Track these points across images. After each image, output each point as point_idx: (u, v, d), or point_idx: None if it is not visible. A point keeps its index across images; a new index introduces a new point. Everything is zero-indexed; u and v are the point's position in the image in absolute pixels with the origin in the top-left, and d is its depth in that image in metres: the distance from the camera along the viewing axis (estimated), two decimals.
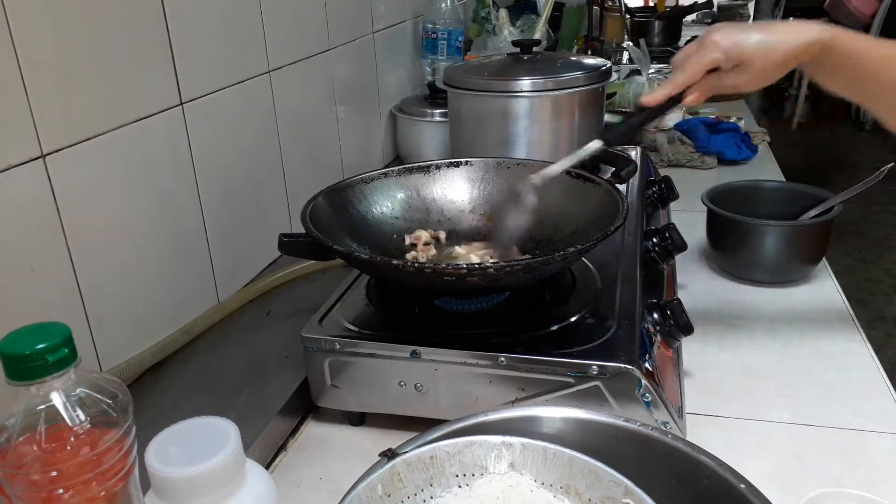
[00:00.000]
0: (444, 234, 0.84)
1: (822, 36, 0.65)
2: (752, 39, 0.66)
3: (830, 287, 0.95)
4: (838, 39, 0.65)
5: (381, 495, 0.44)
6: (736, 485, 0.44)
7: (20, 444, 0.36)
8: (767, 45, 0.65)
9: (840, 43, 0.65)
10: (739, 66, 0.67)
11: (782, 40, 0.66)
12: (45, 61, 0.61)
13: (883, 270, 2.84)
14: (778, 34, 0.66)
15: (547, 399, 0.64)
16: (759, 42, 0.66)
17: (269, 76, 0.95)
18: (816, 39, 0.65)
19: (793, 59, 0.66)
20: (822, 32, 0.65)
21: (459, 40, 1.50)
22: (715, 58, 0.67)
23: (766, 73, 0.66)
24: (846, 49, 0.65)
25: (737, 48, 0.66)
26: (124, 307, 0.72)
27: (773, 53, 0.65)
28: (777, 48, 0.65)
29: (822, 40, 0.65)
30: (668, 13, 2.90)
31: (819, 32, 0.65)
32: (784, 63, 0.66)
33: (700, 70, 0.68)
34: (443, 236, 0.84)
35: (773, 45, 0.66)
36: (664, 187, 1.06)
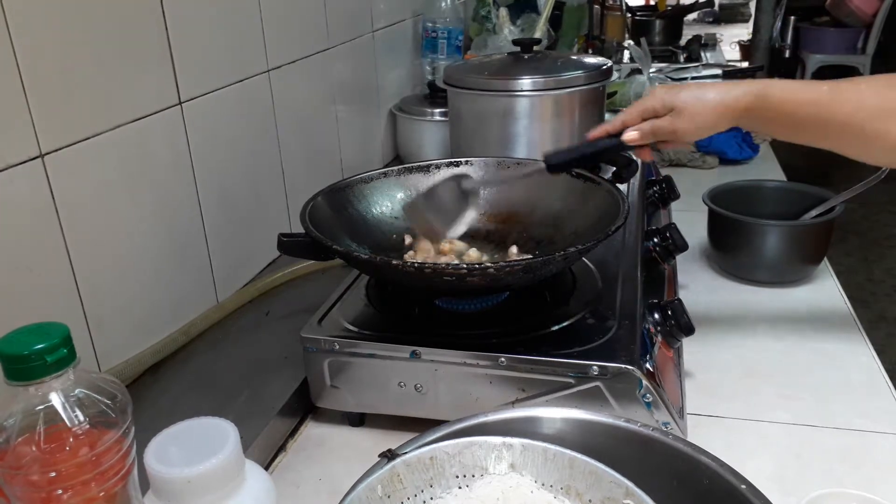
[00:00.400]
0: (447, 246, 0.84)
1: (750, 88, 0.69)
2: (686, 90, 0.71)
3: (831, 287, 0.95)
4: (770, 89, 0.68)
5: (381, 496, 0.44)
6: (737, 485, 0.44)
7: (19, 444, 0.36)
8: (699, 94, 0.70)
9: (771, 93, 0.68)
10: (674, 111, 0.71)
11: (714, 90, 0.70)
12: (44, 61, 0.61)
13: (884, 271, 2.83)
14: (712, 87, 0.71)
15: (547, 399, 0.64)
16: (691, 92, 0.71)
17: (268, 75, 0.95)
18: (747, 91, 0.69)
19: (726, 106, 0.69)
20: (751, 85, 0.69)
21: (459, 39, 1.50)
22: (650, 104, 0.72)
23: (700, 116, 0.70)
24: (777, 98, 0.68)
25: (671, 95, 0.71)
26: (123, 307, 0.72)
27: (704, 101, 0.70)
28: (709, 96, 0.70)
29: (752, 91, 0.69)
30: (669, 12, 2.90)
31: (749, 85, 0.69)
32: (717, 109, 0.70)
33: (637, 112, 0.73)
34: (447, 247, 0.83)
35: (705, 94, 0.70)
36: (665, 187, 1.06)
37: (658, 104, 0.71)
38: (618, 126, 0.74)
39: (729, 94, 0.69)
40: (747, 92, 0.68)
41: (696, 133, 0.71)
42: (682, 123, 0.70)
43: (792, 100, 0.68)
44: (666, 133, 0.72)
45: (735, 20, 3.91)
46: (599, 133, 0.75)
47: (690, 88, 0.71)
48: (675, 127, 0.71)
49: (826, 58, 3.71)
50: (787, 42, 3.90)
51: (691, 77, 1.80)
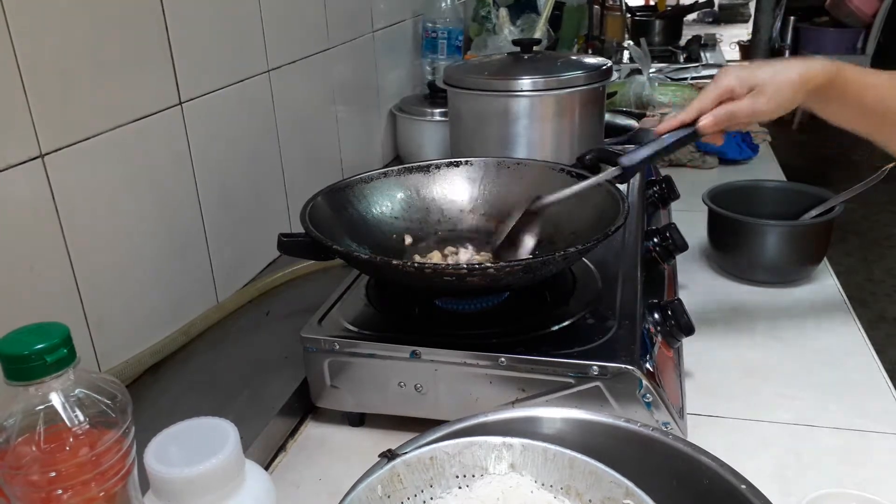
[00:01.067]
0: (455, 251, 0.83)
1: (829, 67, 0.68)
2: (763, 67, 0.69)
3: (831, 287, 0.95)
4: (844, 70, 0.68)
5: (381, 496, 0.44)
6: (737, 485, 0.44)
7: (19, 444, 0.35)
8: (779, 69, 0.68)
9: (846, 74, 0.68)
10: (754, 90, 0.68)
11: (793, 65, 0.68)
12: (44, 61, 0.61)
13: (884, 271, 2.83)
14: (788, 62, 0.69)
15: (547, 399, 0.64)
16: (770, 67, 0.68)
17: (268, 75, 0.95)
18: (823, 66, 0.68)
19: (804, 82, 0.68)
20: (829, 64, 0.68)
21: (459, 39, 1.50)
22: (727, 83, 0.69)
23: (780, 93, 0.68)
24: (850, 79, 0.68)
25: (749, 73, 0.68)
26: (123, 307, 0.72)
27: (783, 75, 0.67)
28: (788, 71, 0.68)
29: (828, 70, 0.68)
30: (669, 12, 2.91)
31: (826, 64, 0.68)
32: (798, 83, 0.67)
33: (713, 97, 0.69)
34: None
35: (785, 69, 0.68)
36: (665, 187, 1.06)
37: (736, 84, 0.68)
38: (693, 114, 0.71)
39: (808, 69, 0.67)
40: (824, 69, 0.67)
41: (776, 111, 0.69)
42: (763, 103, 0.68)
43: (864, 82, 0.67)
44: (744, 115, 0.69)
45: (735, 20, 3.91)
46: (673, 125, 0.72)
47: (766, 66, 0.69)
48: (755, 107, 0.68)
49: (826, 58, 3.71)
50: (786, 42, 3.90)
51: (691, 77, 1.80)
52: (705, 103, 0.70)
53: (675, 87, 1.62)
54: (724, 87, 0.69)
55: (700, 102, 0.70)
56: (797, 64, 0.68)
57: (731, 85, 0.68)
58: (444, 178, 0.86)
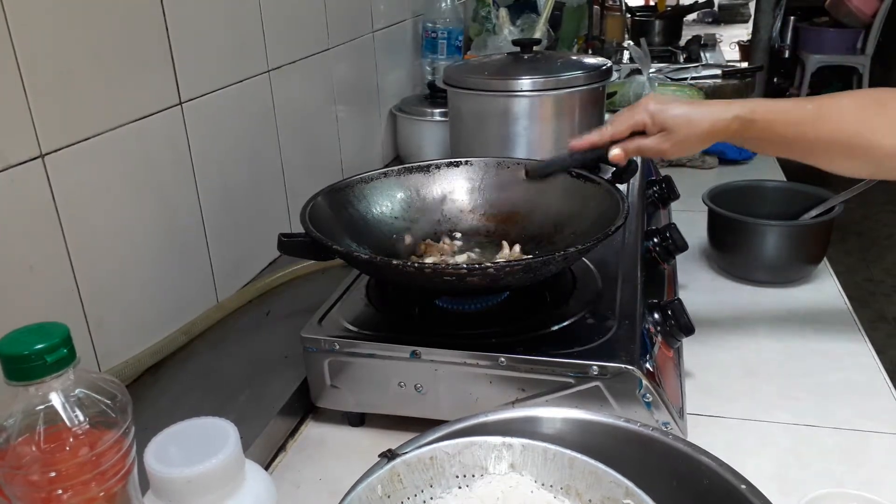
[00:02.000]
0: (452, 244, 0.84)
1: (740, 112, 0.69)
2: (677, 110, 0.71)
3: (831, 287, 0.95)
4: (757, 112, 0.69)
5: (381, 496, 0.44)
6: (736, 485, 0.44)
7: (19, 444, 0.35)
8: (690, 118, 0.70)
9: (759, 116, 0.69)
10: (663, 132, 0.71)
11: (705, 115, 0.70)
12: (44, 61, 0.61)
13: (884, 270, 2.83)
14: (702, 109, 0.71)
15: (547, 399, 0.64)
16: (683, 113, 0.71)
17: (268, 76, 0.95)
18: (735, 116, 0.69)
19: (714, 133, 0.71)
20: (741, 108, 0.70)
21: (459, 39, 1.50)
22: (641, 119, 0.72)
23: (688, 142, 0.71)
24: (764, 120, 0.69)
25: (662, 114, 0.71)
26: (123, 307, 0.72)
27: (695, 126, 0.70)
28: (700, 121, 0.70)
29: (741, 116, 0.69)
30: (669, 12, 2.91)
31: (738, 109, 0.70)
32: (706, 135, 0.71)
33: (626, 126, 0.73)
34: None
35: (696, 118, 0.70)
36: (665, 187, 1.06)
37: (649, 121, 0.72)
38: (606, 139, 0.74)
39: (719, 119, 0.70)
40: (737, 117, 0.69)
41: (681, 154, 0.73)
42: (670, 146, 0.71)
43: (780, 121, 0.69)
44: (651, 152, 0.73)
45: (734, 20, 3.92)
46: (585, 145, 0.76)
47: (681, 108, 0.71)
48: (662, 148, 0.72)
49: (825, 58, 3.71)
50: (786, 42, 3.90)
51: (691, 77, 1.80)
52: (619, 131, 0.74)
53: (675, 87, 1.62)
54: (638, 121, 0.72)
55: (614, 129, 0.74)
56: (710, 112, 0.70)
57: (644, 121, 0.72)
58: (444, 178, 0.86)
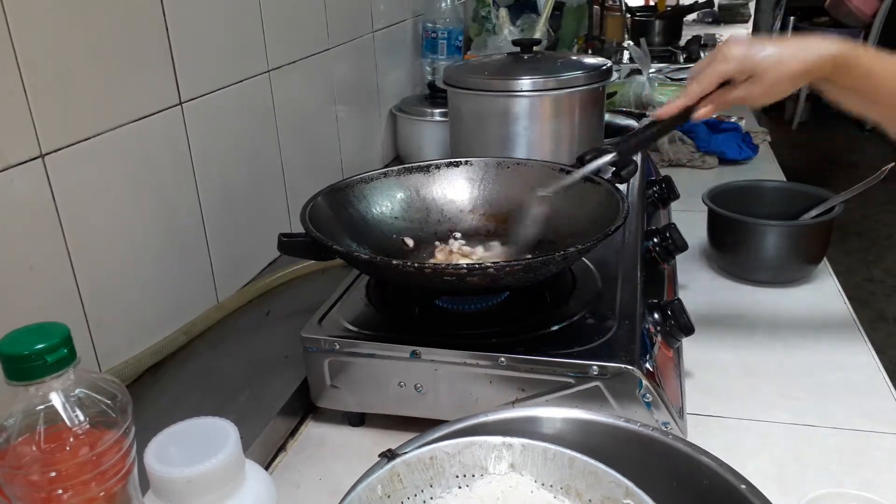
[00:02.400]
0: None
1: (838, 51, 0.65)
2: (765, 51, 0.66)
3: (831, 287, 0.95)
4: (854, 56, 0.64)
5: (381, 496, 0.44)
6: (736, 485, 0.44)
7: (19, 444, 0.35)
8: (780, 58, 0.66)
9: (856, 60, 0.64)
10: (752, 77, 0.67)
11: (796, 53, 0.66)
12: (44, 61, 0.61)
13: (884, 270, 2.83)
14: (791, 48, 0.66)
15: (547, 399, 0.64)
16: (772, 54, 0.66)
17: (268, 76, 0.95)
18: (831, 55, 0.65)
19: (806, 73, 0.66)
20: (838, 48, 0.65)
21: (459, 39, 1.50)
22: (728, 68, 0.67)
23: (778, 85, 0.66)
24: (862, 65, 0.65)
25: (750, 59, 0.66)
26: (123, 307, 0.72)
27: (786, 65, 0.65)
28: (790, 60, 0.65)
29: (837, 56, 0.65)
30: (669, 12, 2.90)
31: (835, 48, 0.65)
32: (797, 76, 0.66)
33: (713, 81, 0.69)
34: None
35: (787, 58, 0.65)
36: (665, 187, 1.06)
37: (737, 68, 0.67)
38: (695, 97, 0.70)
39: (812, 55, 0.65)
40: (830, 57, 0.64)
41: (770, 99, 0.68)
42: (758, 92, 0.67)
43: (878, 69, 0.64)
44: (739, 101, 0.69)
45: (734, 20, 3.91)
46: (674, 109, 0.72)
47: (769, 48, 0.66)
48: (750, 95, 0.68)
49: None
50: None
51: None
52: (706, 87, 0.69)
53: (675, 87, 1.62)
54: (726, 71, 0.68)
55: (700, 86, 0.70)
56: (802, 51, 0.65)
57: (731, 71, 0.68)
58: (444, 178, 0.86)
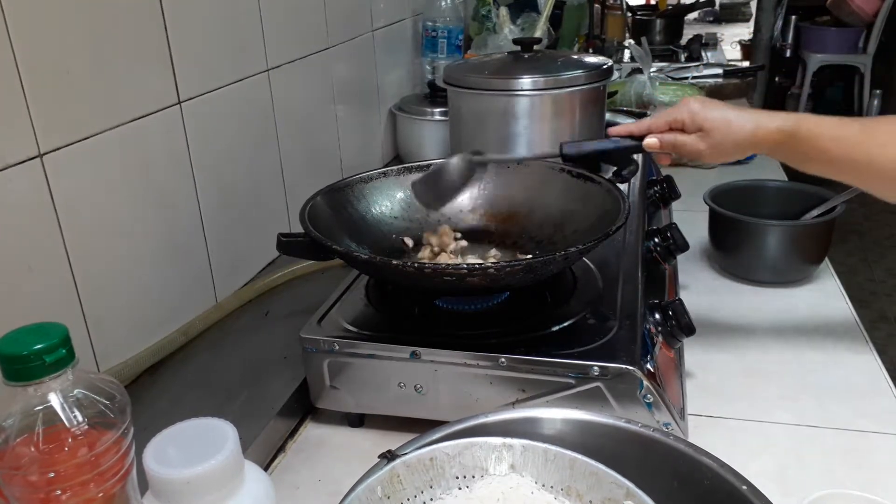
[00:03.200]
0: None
1: (783, 125, 0.67)
2: (717, 112, 0.70)
3: (833, 287, 0.94)
4: (801, 127, 0.67)
5: (381, 497, 0.44)
6: (738, 486, 0.44)
7: (18, 445, 0.35)
8: (730, 122, 0.69)
9: (804, 130, 0.67)
10: (701, 132, 0.70)
11: (746, 121, 0.69)
12: (43, 60, 0.61)
13: (885, 270, 2.83)
14: (744, 116, 0.69)
15: (548, 400, 0.63)
16: (723, 117, 0.69)
17: (267, 75, 0.95)
18: (776, 127, 0.67)
19: (755, 142, 0.69)
20: (785, 120, 0.68)
21: (459, 38, 1.50)
22: (680, 116, 0.71)
23: (724, 146, 0.70)
24: (810, 136, 0.67)
25: (702, 114, 0.70)
26: (122, 307, 0.72)
27: (734, 131, 0.69)
28: (740, 128, 0.69)
29: (784, 128, 0.67)
30: (670, 11, 2.91)
31: (783, 120, 0.68)
32: (746, 143, 0.69)
33: (665, 121, 0.72)
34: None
35: (737, 124, 0.69)
36: (666, 187, 1.06)
37: (688, 119, 0.70)
38: (643, 129, 0.73)
39: (760, 129, 0.68)
40: (780, 129, 0.67)
41: (718, 159, 0.72)
42: (706, 148, 0.70)
43: (827, 136, 0.66)
44: (687, 151, 0.72)
45: (736, 19, 3.91)
46: (622, 132, 0.75)
47: (721, 111, 0.69)
48: (699, 149, 0.70)
49: (827, 57, 3.71)
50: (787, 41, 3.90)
51: (692, 76, 1.80)
52: (657, 124, 0.73)
53: (676, 86, 1.62)
54: (677, 118, 0.71)
55: (652, 121, 0.73)
56: (752, 120, 0.68)
57: (683, 119, 0.71)
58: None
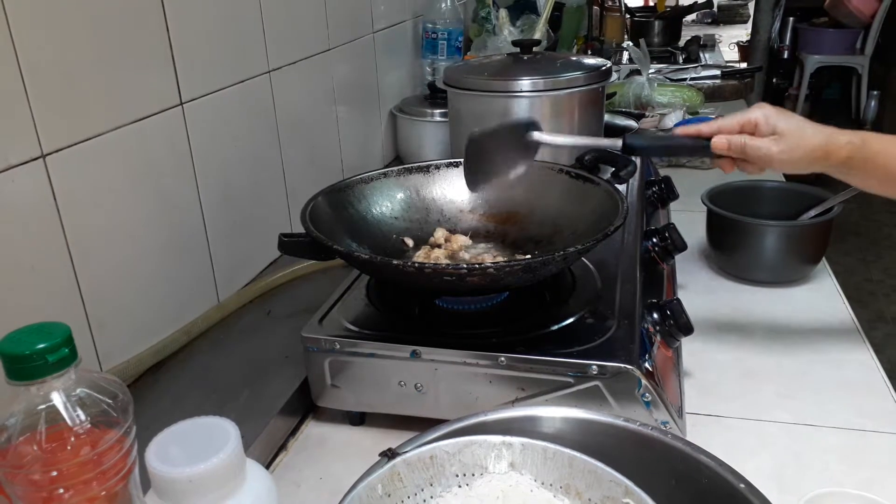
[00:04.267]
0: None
1: (853, 139, 0.68)
2: (792, 119, 0.69)
3: (830, 287, 0.95)
4: (869, 142, 0.68)
5: (381, 495, 0.44)
6: (735, 485, 0.45)
7: (21, 443, 0.36)
8: (804, 129, 0.68)
9: (872, 146, 0.67)
10: (775, 135, 0.69)
11: (819, 131, 0.68)
12: (46, 61, 0.61)
13: (882, 270, 2.84)
14: (816, 126, 0.69)
15: (547, 399, 0.64)
16: (798, 124, 0.69)
17: (269, 76, 0.95)
18: (848, 141, 0.68)
19: (825, 153, 0.68)
20: (853, 136, 0.68)
21: (459, 40, 1.50)
22: (755, 116, 0.69)
23: (797, 151, 0.68)
24: (876, 151, 0.67)
25: (776, 118, 0.69)
26: (124, 307, 0.72)
27: (808, 138, 0.68)
28: (813, 136, 0.68)
29: (853, 142, 0.67)
30: (668, 13, 2.91)
31: (851, 135, 0.68)
32: (817, 151, 0.68)
33: (737, 122, 0.70)
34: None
35: (811, 132, 0.68)
36: (664, 187, 1.06)
37: (762, 121, 0.69)
38: (713, 129, 0.71)
39: (832, 139, 0.67)
40: (850, 142, 0.67)
41: (788, 165, 0.69)
42: (777, 151, 0.68)
43: (889, 153, 0.67)
44: (758, 155, 0.69)
45: (734, 21, 3.92)
46: (691, 131, 0.73)
47: (796, 119, 0.69)
48: (771, 152, 0.68)
49: (825, 58, 3.72)
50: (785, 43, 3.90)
51: (690, 78, 1.80)
52: (728, 125, 0.71)
53: (675, 87, 1.62)
54: (751, 118, 0.69)
55: (723, 122, 0.71)
56: (822, 132, 0.68)
57: (757, 119, 0.69)
58: (444, 178, 0.86)
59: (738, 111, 0.71)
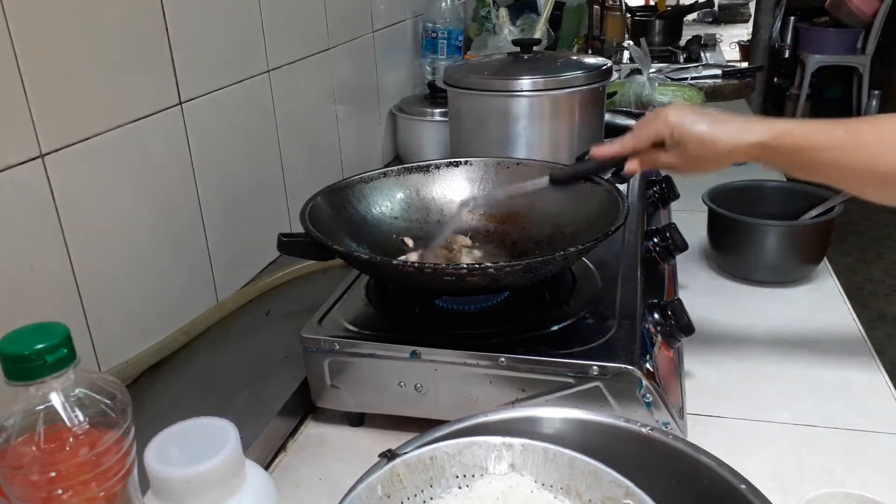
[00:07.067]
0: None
1: (763, 137, 0.66)
2: (696, 126, 0.68)
3: (831, 287, 0.95)
4: (782, 138, 0.66)
5: (381, 496, 0.44)
6: (736, 485, 0.44)
7: (19, 444, 0.35)
8: (707, 137, 0.68)
9: (785, 142, 0.66)
10: (680, 145, 0.69)
11: (723, 136, 0.67)
12: (44, 61, 0.61)
13: (883, 270, 2.84)
14: (722, 129, 0.67)
15: (547, 399, 0.64)
16: (701, 132, 0.68)
17: (268, 75, 0.95)
18: (757, 142, 0.66)
19: (731, 155, 0.68)
20: (763, 133, 0.66)
21: (459, 39, 1.50)
22: (661, 131, 0.70)
23: (702, 160, 0.69)
24: (790, 146, 0.66)
25: (680, 128, 0.68)
26: (123, 307, 0.72)
27: (710, 147, 0.68)
28: (716, 143, 0.67)
29: (762, 142, 0.66)
30: (669, 12, 2.91)
31: (761, 134, 0.66)
32: (723, 157, 0.68)
33: (647, 138, 0.71)
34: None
35: (714, 139, 0.67)
36: (665, 187, 1.06)
37: (667, 133, 0.69)
38: (627, 150, 0.73)
39: (739, 143, 0.66)
40: (759, 142, 0.66)
41: (690, 170, 0.71)
42: (682, 161, 0.70)
43: (807, 146, 0.65)
44: (671, 168, 0.72)
45: (735, 20, 3.92)
46: (606, 154, 0.75)
47: (700, 125, 0.67)
48: (676, 163, 0.70)
49: (826, 58, 3.71)
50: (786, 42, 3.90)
51: (691, 77, 1.80)
52: (640, 142, 0.72)
53: (675, 87, 1.62)
54: (659, 132, 0.70)
55: (635, 141, 0.72)
56: (728, 135, 0.67)
57: (663, 133, 0.70)
58: (444, 178, 0.86)
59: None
